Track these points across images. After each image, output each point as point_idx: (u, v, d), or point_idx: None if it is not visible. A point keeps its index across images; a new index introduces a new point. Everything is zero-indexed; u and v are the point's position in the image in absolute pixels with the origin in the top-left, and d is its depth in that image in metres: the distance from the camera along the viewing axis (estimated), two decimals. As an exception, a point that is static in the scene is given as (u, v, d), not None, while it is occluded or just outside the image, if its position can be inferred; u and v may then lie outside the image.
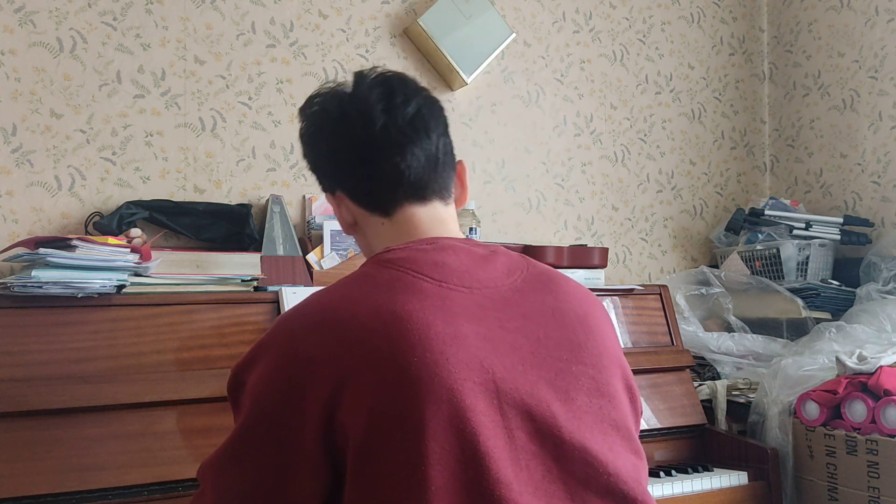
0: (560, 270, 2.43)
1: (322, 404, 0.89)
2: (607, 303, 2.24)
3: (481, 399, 0.90)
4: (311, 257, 2.11)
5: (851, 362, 2.00)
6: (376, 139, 1.06)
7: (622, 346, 1.12)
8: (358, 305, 0.94)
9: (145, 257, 1.72)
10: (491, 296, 0.99)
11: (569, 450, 0.93)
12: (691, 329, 2.43)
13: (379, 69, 1.12)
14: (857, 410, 1.93)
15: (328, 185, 1.15)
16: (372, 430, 0.88)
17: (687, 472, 2.00)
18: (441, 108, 1.14)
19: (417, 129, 1.07)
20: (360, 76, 1.11)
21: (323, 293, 0.99)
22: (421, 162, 1.07)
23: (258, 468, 0.93)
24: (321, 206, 2.25)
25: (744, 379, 2.30)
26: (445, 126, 1.14)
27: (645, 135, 2.89)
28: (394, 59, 2.45)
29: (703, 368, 2.40)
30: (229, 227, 2.09)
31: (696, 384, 2.25)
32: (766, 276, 2.61)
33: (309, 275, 2.04)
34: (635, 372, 2.25)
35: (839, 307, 2.53)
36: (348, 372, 0.89)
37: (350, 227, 1.15)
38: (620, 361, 1.06)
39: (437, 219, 1.10)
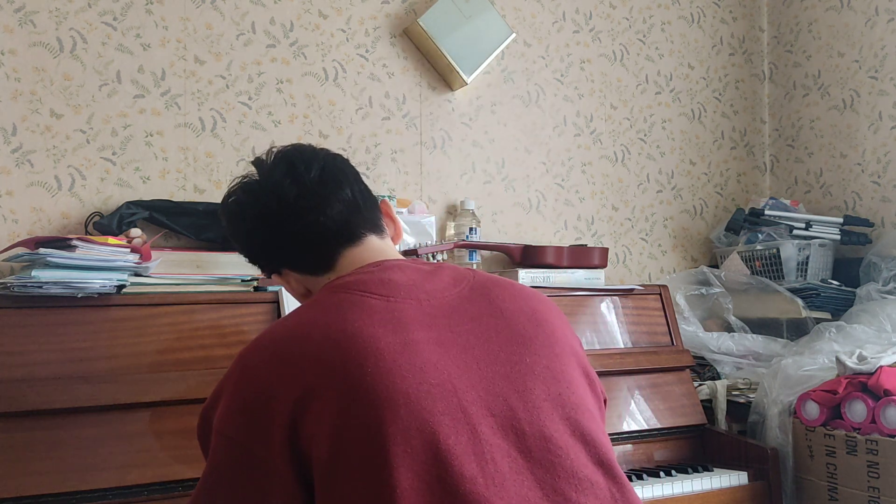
0: (560, 271, 2.42)
1: (284, 426, 0.92)
2: (607, 303, 2.24)
3: (439, 400, 0.93)
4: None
5: (851, 362, 2.00)
6: (294, 208, 1.13)
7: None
8: (309, 329, 0.98)
9: (145, 257, 1.72)
10: (439, 304, 1.04)
11: (531, 440, 0.96)
12: (691, 329, 2.43)
13: (275, 149, 1.20)
14: (857, 410, 1.93)
15: (271, 268, 1.22)
16: (336, 443, 0.90)
17: (687, 472, 2.00)
18: (345, 162, 1.22)
19: (328, 186, 1.15)
20: (259, 162, 1.19)
21: (276, 324, 1.04)
22: (342, 212, 1.15)
23: (234, 500, 0.95)
24: (321, 206, 2.25)
25: (744, 379, 2.30)
26: (355, 176, 1.21)
27: (645, 135, 2.89)
28: (394, 59, 2.45)
29: (703, 368, 2.40)
30: (229, 227, 2.09)
31: (696, 384, 2.25)
32: (766, 276, 2.61)
33: (309, 275, 2.04)
34: (636, 372, 2.26)
35: (839, 307, 2.53)
36: (305, 391, 0.92)
37: (303, 296, 1.21)
38: (574, 350, 1.09)
39: (377, 251, 1.16)
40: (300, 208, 1.13)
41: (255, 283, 1.88)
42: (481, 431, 0.94)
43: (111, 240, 1.75)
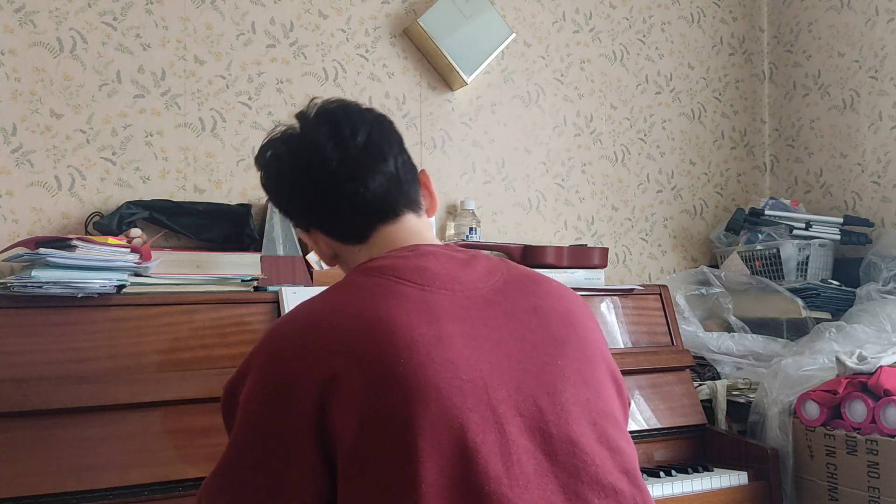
0: (560, 271, 2.43)
1: (311, 409, 0.91)
2: (607, 303, 2.24)
3: (469, 396, 0.92)
4: (311, 257, 2.11)
5: (851, 362, 2.00)
6: (334, 176, 1.09)
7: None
8: (342, 313, 0.96)
9: (145, 257, 1.72)
10: (473, 297, 1.01)
11: (558, 443, 0.95)
12: (691, 329, 2.43)
13: (320, 103, 1.15)
14: (857, 410, 1.93)
15: (301, 224, 1.18)
16: (362, 431, 0.89)
17: (687, 472, 2.00)
18: (391, 127, 1.16)
19: (371, 155, 1.10)
20: (303, 116, 1.14)
21: (308, 303, 1.02)
22: (383, 185, 1.10)
23: (257, 480, 0.94)
24: (321, 206, 2.25)
25: (744, 379, 2.30)
26: (399, 144, 1.15)
27: (645, 135, 2.89)
28: (394, 59, 2.45)
29: (703, 368, 2.40)
30: (229, 227, 2.09)
31: (696, 384, 2.25)
32: (766, 276, 2.61)
33: (309, 275, 2.04)
34: (636, 372, 2.26)
35: (839, 307, 2.53)
36: (335, 375, 0.91)
37: (331, 259, 1.18)
38: (604, 354, 1.08)
39: (412, 231, 1.13)
40: (340, 177, 1.08)
41: (255, 283, 1.88)
42: (509, 431, 0.93)
43: (111, 240, 1.75)
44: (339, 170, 1.08)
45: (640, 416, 2.10)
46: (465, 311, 0.99)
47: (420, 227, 1.14)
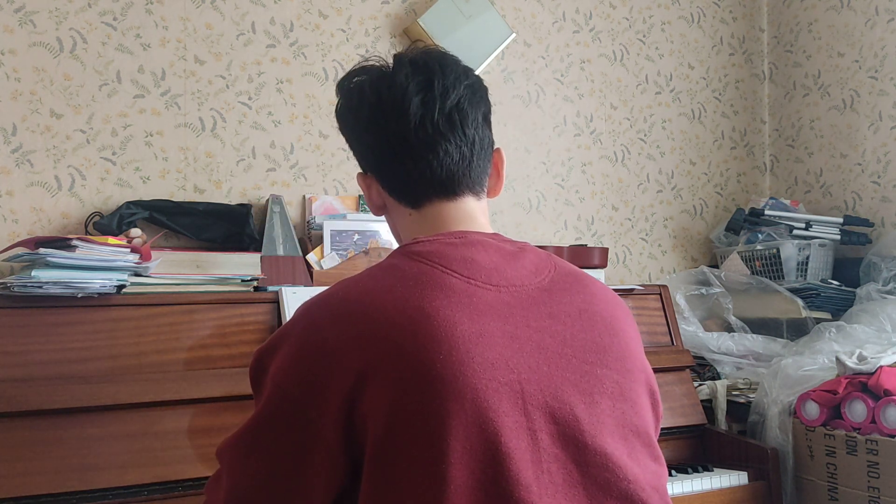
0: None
1: (343, 396, 0.89)
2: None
3: (505, 399, 0.90)
4: (311, 257, 2.11)
5: (851, 362, 2.00)
6: (410, 135, 1.03)
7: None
8: (384, 298, 0.93)
9: (145, 257, 1.72)
10: (518, 294, 0.98)
11: (590, 454, 0.93)
12: (691, 329, 2.43)
13: (423, 48, 1.10)
14: (857, 410, 1.93)
15: (361, 164, 1.13)
16: (393, 425, 0.87)
17: (687, 472, 2.00)
18: (483, 95, 1.11)
19: (454, 124, 1.05)
20: (400, 58, 1.08)
21: (349, 283, 0.98)
22: (454, 159, 1.05)
23: (275, 456, 0.92)
24: (321, 206, 2.25)
25: (744, 379, 2.30)
26: (486, 116, 1.10)
27: (645, 135, 2.89)
28: (394, 59, 2.45)
29: (703, 368, 2.40)
30: (229, 227, 2.09)
31: (696, 384, 2.25)
32: (766, 276, 2.61)
33: (309, 275, 2.04)
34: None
35: (839, 307, 2.53)
36: (371, 365, 0.88)
37: (379, 209, 1.13)
38: (644, 366, 1.05)
39: (467, 214, 1.08)
40: (415, 138, 1.03)
41: (255, 283, 1.88)
42: (541, 438, 0.91)
43: (111, 240, 1.75)
44: (416, 129, 1.03)
45: (640, 416, 2.09)
46: (508, 309, 0.96)
47: (475, 212, 1.09)
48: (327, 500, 0.92)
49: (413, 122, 1.03)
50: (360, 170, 1.14)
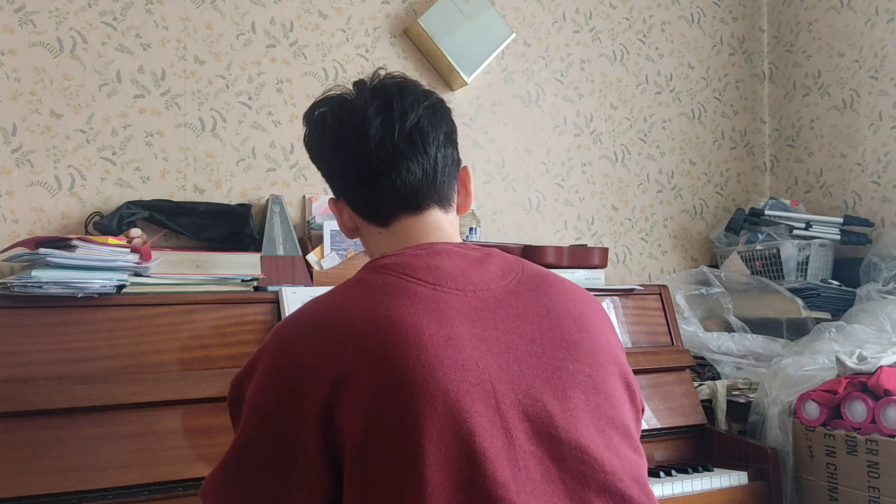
0: (560, 271, 2.43)
1: (319, 408, 0.90)
2: (607, 303, 2.24)
3: (478, 400, 0.91)
4: (311, 257, 2.11)
5: (851, 362, 2.00)
6: (372, 157, 1.07)
7: (623, 345, 1.12)
8: (352, 310, 0.95)
9: (145, 257, 1.72)
10: (485, 298, 1.00)
11: (566, 449, 0.94)
12: (691, 329, 2.43)
13: (382, 75, 1.13)
14: (857, 410, 1.93)
15: (331, 189, 1.17)
16: (369, 432, 0.88)
17: (687, 472, 2.00)
18: (444, 115, 1.13)
19: (414, 144, 1.08)
20: (361, 85, 1.12)
21: (318, 300, 1.01)
22: (417, 177, 1.08)
23: (260, 479, 0.93)
24: (321, 206, 2.25)
25: (744, 379, 2.30)
26: (448, 135, 1.13)
27: (645, 135, 2.89)
28: (394, 59, 2.45)
29: (703, 368, 2.40)
30: (229, 227, 2.09)
31: (696, 384, 2.25)
32: (766, 276, 2.61)
33: (309, 275, 2.04)
34: (635, 372, 2.25)
35: (839, 307, 2.53)
36: (344, 375, 0.90)
37: (351, 231, 1.17)
38: (618, 359, 1.06)
39: (434, 226, 1.10)
40: (376, 159, 1.06)
41: (255, 283, 1.88)
42: (516, 436, 0.92)
43: (111, 240, 1.75)
44: (377, 150, 1.06)
45: (640, 416, 2.10)
46: (476, 312, 0.98)
47: (443, 224, 1.12)
48: None
49: (374, 144, 1.06)
50: (329, 202, 1.18)
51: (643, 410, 1.11)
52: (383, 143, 1.06)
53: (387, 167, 1.07)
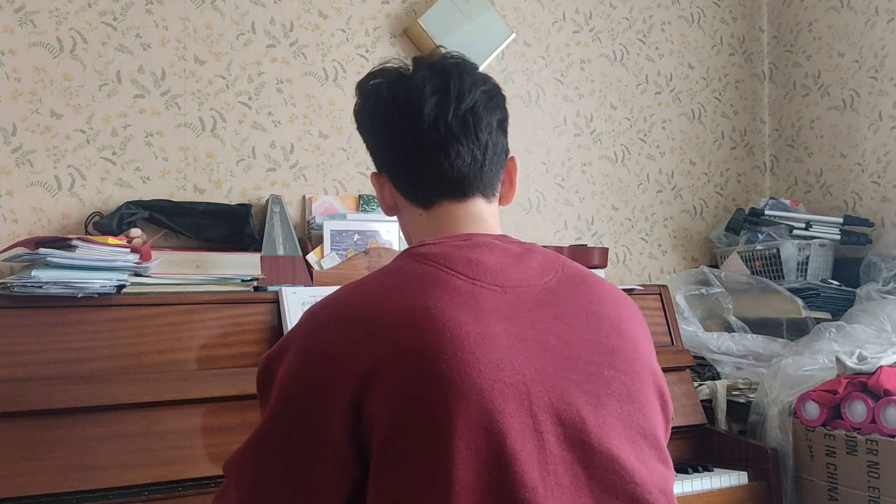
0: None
1: (348, 398, 0.89)
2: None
3: (511, 401, 0.89)
4: (311, 257, 2.11)
5: (851, 362, 2.00)
6: (423, 135, 1.04)
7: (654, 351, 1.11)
8: (387, 300, 0.93)
9: (145, 257, 1.72)
10: (523, 296, 0.97)
11: (597, 456, 0.92)
12: (691, 329, 2.43)
13: (443, 53, 1.11)
14: (857, 410, 1.93)
15: (375, 163, 1.15)
16: (398, 426, 0.87)
17: (687, 472, 2.00)
18: (500, 102, 1.11)
19: (467, 127, 1.06)
20: (420, 61, 1.10)
21: (353, 286, 0.98)
22: (466, 162, 1.06)
23: (284, 463, 0.92)
24: (321, 206, 2.25)
25: (744, 379, 2.30)
26: (500, 121, 1.11)
27: (645, 135, 2.89)
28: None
29: (703, 368, 2.40)
30: (229, 227, 2.09)
31: (696, 384, 2.25)
32: (766, 276, 2.61)
33: (309, 275, 2.04)
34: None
35: (839, 307, 2.53)
36: (376, 366, 0.88)
37: (390, 209, 1.14)
38: (653, 367, 1.04)
39: (476, 216, 1.08)
40: (428, 140, 1.04)
41: (255, 283, 1.88)
42: (547, 440, 0.90)
43: (111, 240, 1.75)
44: (429, 130, 1.04)
45: (640, 416, 2.09)
46: (513, 310, 0.95)
47: (485, 213, 1.09)
48: (340, 502, 0.92)
49: (426, 123, 1.04)
50: (374, 169, 1.15)
51: (671, 419, 1.08)
52: (436, 123, 1.04)
53: (437, 149, 1.05)
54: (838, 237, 2.67)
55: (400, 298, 0.93)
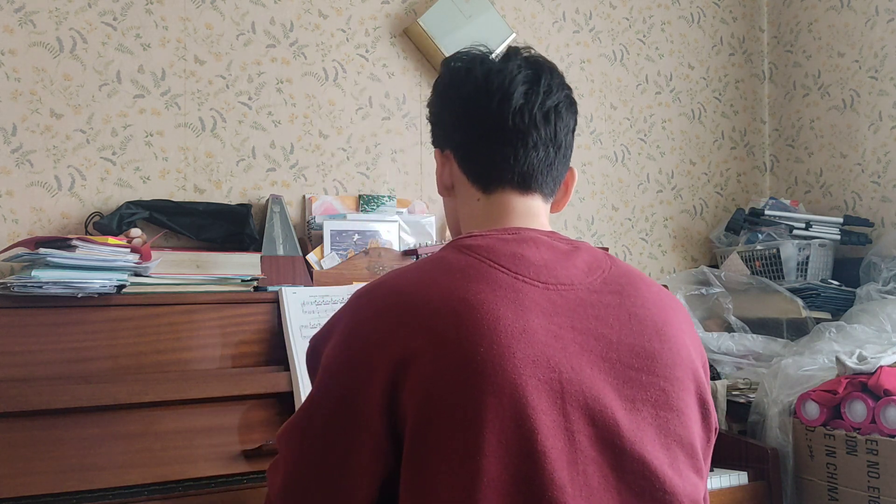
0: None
1: (386, 383, 0.90)
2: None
3: (545, 397, 0.89)
4: (311, 257, 2.11)
5: (851, 362, 2.00)
6: (507, 119, 1.06)
7: (705, 357, 1.08)
8: (429, 289, 0.94)
9: (145, 257, 1.72)
10: (566, 294, 0.97)
11: (628, 460, 0.92)
12: (691, 329, 2.43)
13: (533, 52, 1.13)
14: (857, 410, 1.93)
15: (441, 142, 1.15)
16: (431, 414, 0.88)
17: (687, 472, 1.99)
18: (576, 109, 1.16)
19: (549, 122, 1.09)
20: (513, 50, 1.12)
21: (398, 273, 1.00)
22: (539, 156, 1.08)
23: (327, 439, 0.95)
24: (321, 206, 2.25)
25: (744, 379, 2.30)
26: (574, 128, 1.15)
27: (645, 135, 2.89)
28: (394, 59, 2.45)
29: (703, 368, 2.40)
30: (229, 227, 2.09)
31: (696, 384, 2.25)
32: (766, 276, 2.61)
33: (309, 275, 2.04)
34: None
35: (839, 307, 2.53)
36: (413, 353, 0.89)
37: (446, 189, 1.15)
38: (696, 374, 1.02)
39: (532, 211, 1.09)
40: (512, 124, 1.06)
41: (255, 283, 1.88)
42: (579, 440, 0.90)
43: (111, 240, 1.75)
44: (515, 115, 1.06)
45: (640, 416, 2.09)
46: (554, 307, 0.95)
47: (539, 210, 1.10)
48: (375, 484, 0.93)
49: (514, 107, 1.06)
50: (435, 151, 1.17)
51: (717, 430, 1.06)
52: (522, 111, 1.06)
53: (517, 135, 1.06)
54: (838, 237, 2.67)
55: (441, 288, 0.93)
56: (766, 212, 2.71)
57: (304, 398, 1.67)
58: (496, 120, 1.06)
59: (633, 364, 0.96)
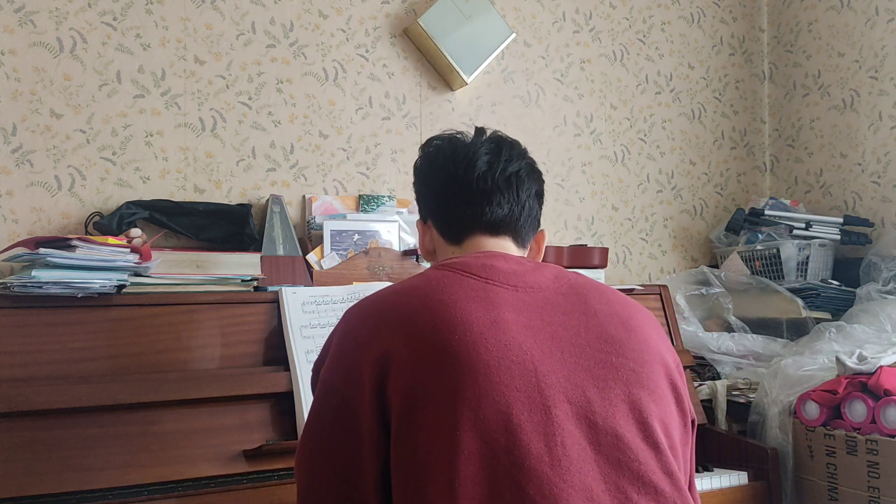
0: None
1: (373, 382, 0.99)
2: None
3: (518, 377, 0.98)
4: (311, 257, 2.11)
5: (851, 362, 2.00)
6: (472, 182, 1.21)
7: (677, 358, 1.16)
8: (409, 296, 1.06)
9: (145, 257, 1.72)
10: (534, 295, 1.08)
11: (602, 434, 0.99)
12: (691, 329, 2.43)
13: (499, 132, 1.30)
14: (857, 410, 1.93)
15: (423, 213, 1.31)
16: (411, 401, 0.97)
17: (687, 472, 2.00)
18: (539, 176, 1.29)
19: (511, 185, 1.22)
20: (479, 131, 1.28)
21: (384, 289, 1.12)
22: (504, 212, 1.22)
23: (332, 443, 1.03)
24: (321, 206, 2.25)
25: (744, 379, 2.30)
26: (538, 192, 1.28)
27: (645, 135, 2.90)
28: (394, 59, 2.45)
29: (703, 368, 2.40)
30: (229, 227, 2.09)
31: (696, 384, 2.25)
32: (766, 276, 2.61)
33: (309, 275, 2.04)
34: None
35: (839, 307, 2.53)
36: (394, 348, 0.99)
37: (429, 254, 1.31)
38: (665, 361, 1.10)
39: (503, 247, 1.22)
40: (476, 187, 1.21)
41: (255, 283, 1.88)
42: (555, 414, 0.97)
43: (111, 240, 1.75)
44: (479, 179, 1.21)
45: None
46: (524, 304, 1.06)
47: (511, 249, 1.23)
48: (378, 477, 1.00)
49: (478, 173, 1.22)
50: (417, 224, 1.33)
51: (695, 423, 1.14)
52: (485, 175, 1.22)
53: (482, 196, 1.21)
54: (838, 237, 2.67)
55: (419, 293, 1.06)
56: (766, 212, 2.71)
57: (304, 398, 1.68)
58: (462, 183, 1.22)
59: (602, 348, 1.05)
